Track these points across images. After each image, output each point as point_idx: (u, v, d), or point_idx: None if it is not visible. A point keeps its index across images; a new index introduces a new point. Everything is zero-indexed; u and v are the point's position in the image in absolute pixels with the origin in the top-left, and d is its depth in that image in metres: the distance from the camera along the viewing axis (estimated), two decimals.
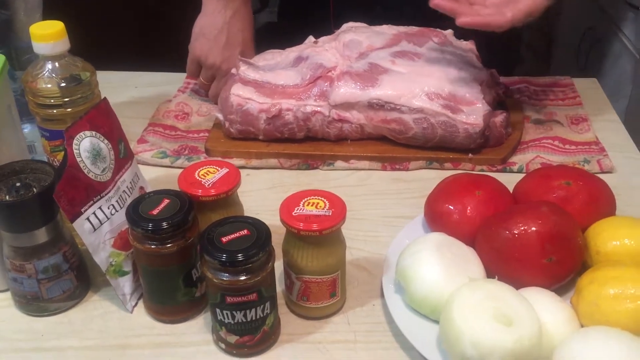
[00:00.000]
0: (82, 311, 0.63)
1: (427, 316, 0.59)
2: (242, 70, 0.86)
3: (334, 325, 0.61)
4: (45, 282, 0.60)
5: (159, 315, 0.61)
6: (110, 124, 0.63)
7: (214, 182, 0.61)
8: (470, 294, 0.53)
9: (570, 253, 0.59)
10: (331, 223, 0.56)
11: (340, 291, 0.61)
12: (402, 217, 0.73)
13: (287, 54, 0.89)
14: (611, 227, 0.62)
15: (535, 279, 0.58)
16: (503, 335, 0.50)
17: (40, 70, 0.61)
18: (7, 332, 0.61)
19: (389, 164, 0.83)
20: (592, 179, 0.67)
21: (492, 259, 0.60)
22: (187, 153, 0.85)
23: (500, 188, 0.67)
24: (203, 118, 0.93)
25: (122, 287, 0.62)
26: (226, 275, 0.53)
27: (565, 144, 0.85)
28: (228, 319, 0.55)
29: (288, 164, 0.83)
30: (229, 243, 0.54)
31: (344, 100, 0.81)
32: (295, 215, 0.57)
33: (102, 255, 0.60)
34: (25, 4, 0.70)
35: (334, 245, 0.58)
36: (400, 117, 0.80)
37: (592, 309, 0.55)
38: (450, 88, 0.81)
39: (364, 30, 0.89)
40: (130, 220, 0.57)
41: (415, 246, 0.60)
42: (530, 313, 0.52)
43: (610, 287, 0.55)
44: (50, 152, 0.65)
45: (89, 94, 0.63)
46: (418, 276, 0.58)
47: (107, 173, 0.61)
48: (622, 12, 1.53)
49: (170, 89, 1.00)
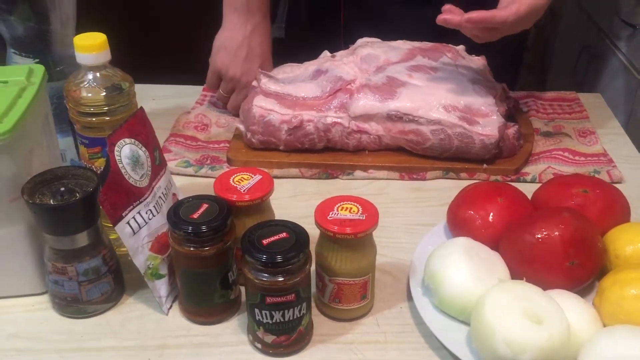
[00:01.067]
0: (119, 313, 0.64)
1: (455, 317, 0.61)
2: (263, 82, 0.88)
3: (364, 327, 0.63)
4: (86, 284, 0.62)
5: (195, 316, 0.63)
6: (146, 132, 0.65)
7: (248, 188, 0.63)
8: (501, 294, 0.56)
9: (591, 257, 0.62)
10: (365, 227, 0.59)
11: (370, 294, 0.63)
12: (422, 225, 0.76)
13: (306, 67, 0.92)
14: (629, 232, 0.65)
15: (559, 281, 0.61)
16: (535, 333, 0.53)
17: (82, 79, 0.64)
18: (48, 333, 0.62)
19: (407, 173, 0.85)
20: (607, 187, 0.70)
21: (516, 263, 0.63)
22: (209, 162, 0.87)
23: (520, 195, 0.70)
24: (222, 129, 0.95)
25: (159, 290, 0.64)
26: (266, 275, 0.55)
27: (575, 156, 0.88)
28: (267, 319, 0.57)
29: (309, 174, 0.85)
30: (270, 245, 0.56)
31: (364, 112, 0.84)
32: (330, 219, 0.59)
33: (140, 258, 0.62)
34: (60, 16, 0.72)
35: (366, 248, 0.61)
36: (418, 129, 0.83)
37: (615, 309, 0.58)
38: (466, 101, 0.84)
39: (380, 45, 0.92)
40: (171, 223, 0.59)
41: (444, 250, 0.63)
42: (559, 312, 0.55)
43: (633, 288, 0.58)
44: (88, 159, 0.66)
45: (128, 103, 0.65)
46: (447, 278, 0.60)
47: (145, 179, 0.63)
48: (618, 30, 1.58)
49: (187, 101, 1.03)
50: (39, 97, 0.64)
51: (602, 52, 1.70)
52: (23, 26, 0.70)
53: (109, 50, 0.63)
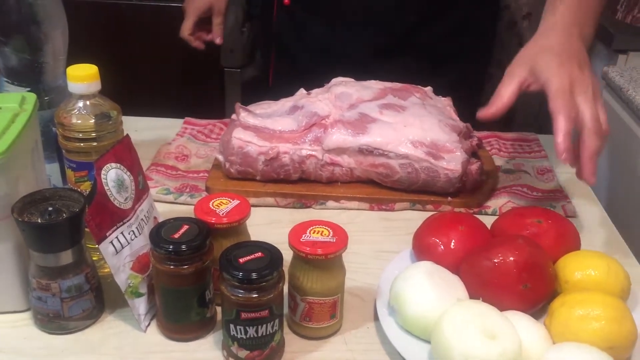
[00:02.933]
0: (99, 330, 0.67)
1: (418, 336, 0.65)
2: (242, 116, 0.94)
3: (332, 345, 0.67)
4: (68, 300, 0.65)
5: (172, 333, 0.66)
6: (131, 158, 0.69)
7: (227, 212, 0.68)
8: (459, 312, 0.60)
9: (543, 281, 0.67)
10: (335, 248, 0.63)
11: (339, 313, 0.67)
12: (389, 252, 0.81)
13: (283, 103, 0.98)
14: (578, 260, 0.70)
15: (513, 303, 0.66)
16: (489, 348, 0.57)
17: (73, 107, 0.68)
18: (29, 348, 0.65)
19: (376, 204, 0.90)
20: (559, 218, 0.76)
21: (475, 285, 0.67)
22: (188, 190, 0.91)
23: (480, 224, 0.75)
24: (202, 160, 0.99)
25: (138, 308, 0.67)
26: (242, 292, 0.59)
27: (533, 191, 0.95)
28: (241, 334, 0.61)
29: (284, 203, 0.90)
30: (246, 263, 0.60)
31: (337, 145, 0.89)
32: (302, 241, 0.63)
33: (122, 276, 0.65)
34: (53, 50, 0.76)
35: (336, 269, 0.65)
36: (388, 162, 0.89)
37: (563, 329, 0.63)
38: (432, 137, 0.90)
39: (353, 84, 0.99)
40: (153, 242, 0.62)
41: (408, 272, 0.67)
42: (511, 329, 0.60)
43: (579, 309, 0.63)
44: (74, 182, 0.70)
45: (115, 130, 0.69)
46: (411, 299, 0.65)
47: (128, 202, 0.67)
48: None
49: (168, 133, 1.07)
50: (30, 123, 0.68)
51: None
52: (17, 57, 0.75)
53: (99, 81, 0.68)
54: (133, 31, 1.42)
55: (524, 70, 0.79)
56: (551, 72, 0.76)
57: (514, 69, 0.80)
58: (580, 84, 0.76)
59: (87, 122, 0.68)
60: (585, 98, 0.75)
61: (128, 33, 1.57)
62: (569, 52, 0.78)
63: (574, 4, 0.83)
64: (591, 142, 0.74)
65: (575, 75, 0.76)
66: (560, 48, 0.79)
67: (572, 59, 0.78)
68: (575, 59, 0.78)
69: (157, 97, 1.40)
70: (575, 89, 0.75)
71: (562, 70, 0.76)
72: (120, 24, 1.59)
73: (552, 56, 0.78)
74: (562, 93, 0.74)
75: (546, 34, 0.82)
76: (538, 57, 0.79)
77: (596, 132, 0.74)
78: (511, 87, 0.78)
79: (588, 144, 0.74)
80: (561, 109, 0.74)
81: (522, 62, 0.80)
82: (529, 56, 0.80)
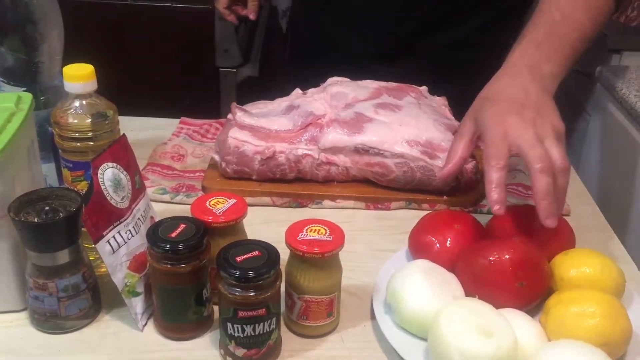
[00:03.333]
0: (96, 329, 0.67)
1: (414, 334, 0.66)
2: (238, 116, 0.94)
3: (329, 344, 0.67)
4: (65, 300, 0.65)
5: (169, 332, 0.66)
6: (128, 158, 0.69)
7: (223, 211, 0.68)
8: (455, 310, 0.61)
9: (539, 278, 0.68)
10: (332, 247, 0.63)
11: (336, 312, 0.68)
12: (385, 250, 0.81)
13: (279, 103, 0.98)
14: (572, 258, 0.70)
15: (509, 300, 0.66)
16: (485, 345, 0.58)
17: (69, 106, 0.68)
18: (26, 347, 0.65)
19: (372, 203, 0.91)
20: None
21: (471, 283, 0.68)
22: (185, 190, 0.91)
23: (475, 223, 0.76)
24: (198, 159, 0.99)
25: (135, 307, 0.67)
26: (239, 290, 0.59)
27: (528, 190, 0.95)
28: (238, 333, 0.61)
29: (280, 202, 0.90)
30: (243, 262, 0.60)
31: (333, 144, 0.89)
32: (299, 239, 0.64)
33: (119, 275, 0.65)
34: (48, 50, 0.76)
35: (333, 268, 0.65)
36: (383, 161, 0.89)
37: (558, 326, 0.63)
38: (427, 136, 0.90)
39: (349, 83, 0.99)
40: (150, 241, 0.63)
41: (404, 271, 0.68)
42: (507, 326, 0.60)
43: (574, 307, 0.63)
44: (71, 181, 0.70)
45: (111, 129, 0.70)
46: (407, 296, 0.65)
47: (125, 201, 0.67)
48: (572, 77, 1.69)
49: (164, 133, 1.07)
50: (26, 122, 0.68)
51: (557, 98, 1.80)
52: (13, 57, 0.75)
53: (95, 81, 0.68)
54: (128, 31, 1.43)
55: (471, 123, 0.78)
56: (488, 125, 0.74)
57: (464, 122, 0.80)
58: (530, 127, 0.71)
59: (84, 121, 0.68)
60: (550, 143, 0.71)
61: (123, 33, 1.57)
62: (516, 100, 0.75)
63: (539, 38, 0.80)
64: (561, 179, 0.70)
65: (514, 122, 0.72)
66: (507, 95, 0.76)
67: (517, 106, 0.74)
68: (530, 105, 0.74)
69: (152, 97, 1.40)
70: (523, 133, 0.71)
71: (498, 121, 0.73)
72: (115, 24, 1.59)
73: (492, 105, 0.76)
74: (493, 143, 0.72)
75: (500, 77, 0.80)
76: (481, 107, 0.77)
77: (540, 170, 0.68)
78: (462, 143, 0.78)
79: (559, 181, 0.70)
80: (490, 159, 0.71)
81: (469, 114, 0.79)
82: (475, 106, 0.79)
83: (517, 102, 0.74)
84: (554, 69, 0.79)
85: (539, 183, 0.68)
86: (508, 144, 0.71)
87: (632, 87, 1.35)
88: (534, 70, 0.78)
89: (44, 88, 0.78)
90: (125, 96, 0.79)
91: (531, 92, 0.76)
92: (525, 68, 0.78)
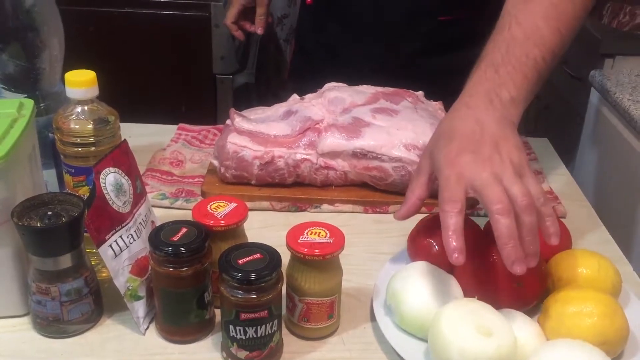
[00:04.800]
0: (98, 333, 0.68)
1: (415, 334, 0.66)
2: (237, 121, 0.94)
3: (330, 345, 0.68)
4: (67, 304, 0.65)
5: (171, 335, 0.67)
6: (129, 163, 0.70)
7: (224, 215, 0.68)
8: (455, 310, 0.61)
9: (536, 279, 0.68)
10: (332, 249, 0.64)
11: (337, 314, 0.68)
12: (384, 253, 0.82)
13: (277, 108, 0.99)
14: (569, 258, 0.71)
15: (507, 301, 0.67)
16: (485, 344, 0.58)
17: (71, 112, 0.69)
18: (29, 351, 0.65)
19: (370, 207, 0.92)
20: None
21: (469, 284, 0.68)
22: (184, 195, 0.92)
23: (473, 224, 0.76)
24: (197, 165, 1.00)
25: (137, 310, 0.67)
26: (241, 292, 0.60)
27: None
28: (240, 335, 0.62)
29: (279, 207, 0.91)
30: (245, 264, 0.61)
31: (331, 149, 0.90)
32: (300, 242, 0.64)
33: (121, 279, 0.66)
34: (49, 57, 0.77)
35: (333, 270, 0.66)
36: (381, 165, 0.90)
37: (557, 325, 0.64)
38: (425, 140, 0.91)
39: (346, 89, 1.00)
40: (152, 245, 0.63)
41: (404, 272, 0.68)
42: (506, 326, 0.61)
43: (572, 306, 0.64)
44: (72, 187, 0.71)
45: (113, 135, 0.70)
46: (407, 298, 0.66)
47: (127, 206, 0.67)
48: (566, 82, 1.71)
49: (162, 138, 1.08)
50: (28, 128, 0.68)
51: (551, 102, 1.82)
52: (14, 64, 0.75)
53: (97, 87, 0.69)
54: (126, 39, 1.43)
55: (426, 162, 0.72)
56: (441, 166, 0.68)
57: (421, 161, 0.74)
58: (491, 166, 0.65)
59: (85, 127, 0.69)
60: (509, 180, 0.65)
61: (121, 41, 1.58)
62: (470, 136, 0.68)
63: (497, 60, 0.73)
64: (526, 218, 0.63)
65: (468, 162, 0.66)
66: (461, 130, 0.69)
67: (472, 143, 0.67)
68: (486, 140, 0.67)
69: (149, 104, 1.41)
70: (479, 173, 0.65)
71: (451, 161, 0.67)
72: (113, 31, 1.60)
73: (446, 144, 0.69)
74: (447, 187, 0.66)
75: (457, 108, 0.73)
76: (435, 145, 0.71)
77: (498, 212, 0.63)
78: (419, 182, 0.72)
79: (523, 220, 0.63)
80: (444, 204, 0.65)
81: (425, 152, 0.73)
82: (431, 142, 0.73)
83: (471, 138, 0.68)
84: (514, 93, 0.71)
85: (497, 226, 0.62)
86: (463, 186, 0.65)
87: (626, 91, 1.37)
88: (493, 97, 0.71)
89: (44, 94, 0.79)
90: (122, 103, 0.80)
91: (487, 125, 0.69)
92: (483, 96, 0.71)
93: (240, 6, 1.25)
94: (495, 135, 0.68)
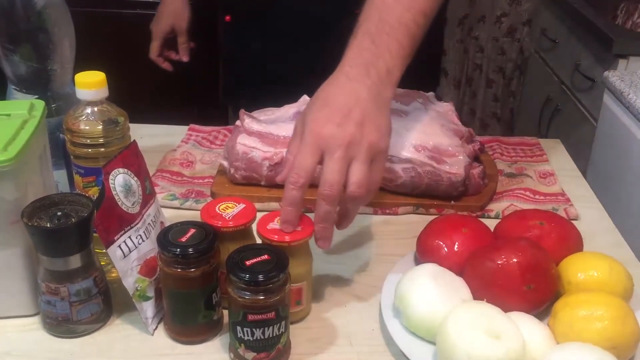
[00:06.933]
0: (107, 333, 0.68)
1: (423, 337, 0.66)
2: (246, 122, 0.95)
3: (338, 347, 0.68)
4: (77, 304, 0.65)
5: (179, 336, 0.67)
6: (138, 164, 0.70)
7: (233, 216, 0.68)
8: (464, 313, 0.61)
9: (546, 282, 0.68)
10: (300, 236, 0.66)
11: (305, 300, 0.69)
12: (393, 255, 0.81)
13: (286, 109, 0.98)
14: (580, 261, 0.71)
15: (517, 304, 0.66)
16: (494, 348, 0.58)
17: (81, 113, 0.69)
18: (39, 351, 0.65)
19: (380, 208, 0.91)
20: (562, 221, 0.76)
21: (478, 287, 0.68)
22: (194, 196, 0.92)
23: (483, 227, 0.76)
24: (207, 166, 1.00)
25: (146, 311, 0.67)
26: (248, 294, 0.60)
27: (536, 195, 0.95)
28: (248, 336, 0.62)
29: None
30: (252, 266, 0.61)
31: None
32: (269, 228, 0.66)
33: (129, 280, 0.66)
34: (60, 58, 0.77)
35: (301, 257, 0.67)
36: (391, 167, 0.89)
37: (567, 329, 0.63)
38: (435, 141, 0.91)
39: None
40: (161, 245, 0.63)
41: (413, 274, 0.68)
42: (515, 329, 0.60)
43: (582, 310, 0.63)
44: (82, 187, 0.71)
45: (122, 136, 0.70)
46: (416, 300, 0.65)
47: (136, 206, 0.68)
48: (578, 83, 1.69)
49: (173, 139, 1.08)
50: (39, 129, 0.69)
51: (564, 103, 1.80)
52: (25, 65, 0.76)
53: (107, 88, 0.69)
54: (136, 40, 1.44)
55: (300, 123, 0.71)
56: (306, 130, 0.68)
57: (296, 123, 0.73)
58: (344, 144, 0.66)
59: (95, 128, 0.69)
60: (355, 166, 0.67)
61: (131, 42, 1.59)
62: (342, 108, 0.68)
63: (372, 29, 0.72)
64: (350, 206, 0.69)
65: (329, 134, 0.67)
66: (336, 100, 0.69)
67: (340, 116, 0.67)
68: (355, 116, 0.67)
69: (161, 105, 1.41)
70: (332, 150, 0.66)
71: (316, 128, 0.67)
72: (124, 33, 1.61)
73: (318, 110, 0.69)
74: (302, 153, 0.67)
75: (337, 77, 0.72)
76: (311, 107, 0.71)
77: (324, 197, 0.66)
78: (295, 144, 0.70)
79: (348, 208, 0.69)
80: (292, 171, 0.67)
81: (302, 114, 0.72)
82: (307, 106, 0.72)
83: (342, 110, 0.68)
84: (390, 64, 0.71)
85: (318, 209, 0.67)
86: (317, 157, 0.66)
87: (639, 92, 1.36)
88: (370, 69, 0.71)
89: (55, 96, 0.79)
90: (132, 104, 0.81)
91: (361, 102, 0.69)
92: (362, 68, 0.71)
93: (160, 39, 1.28)
94: (364, 113, 0.68)
